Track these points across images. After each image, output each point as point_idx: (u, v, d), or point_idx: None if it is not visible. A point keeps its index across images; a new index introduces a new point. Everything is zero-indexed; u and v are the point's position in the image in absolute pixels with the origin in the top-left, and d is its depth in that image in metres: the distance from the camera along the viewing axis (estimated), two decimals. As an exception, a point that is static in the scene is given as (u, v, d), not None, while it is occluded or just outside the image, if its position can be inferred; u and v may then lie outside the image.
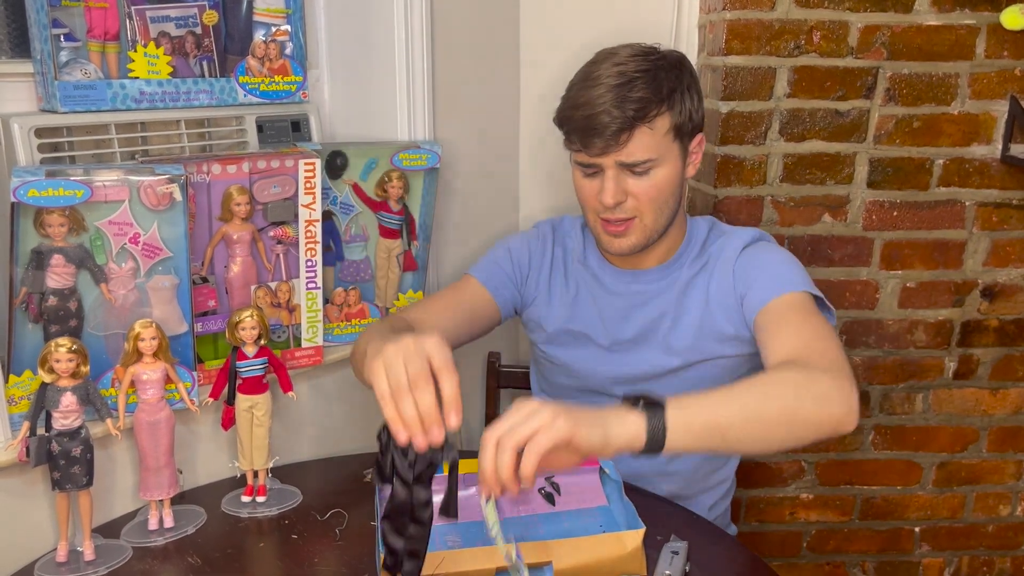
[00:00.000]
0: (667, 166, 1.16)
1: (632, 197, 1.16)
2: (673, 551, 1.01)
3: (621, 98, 1.11)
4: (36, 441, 0.99)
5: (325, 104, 1.49)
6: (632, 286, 1.28)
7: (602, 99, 1.12)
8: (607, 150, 1.13)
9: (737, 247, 1.22)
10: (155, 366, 1.07)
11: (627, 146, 1.12)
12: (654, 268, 1.27)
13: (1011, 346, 1.67)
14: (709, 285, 1.23)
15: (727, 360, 1.23)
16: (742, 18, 1.49)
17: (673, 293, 1.25)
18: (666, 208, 1.19)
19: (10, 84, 1.14)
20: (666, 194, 1.17)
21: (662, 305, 1.25)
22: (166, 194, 1.08)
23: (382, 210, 1.37)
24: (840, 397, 0.95)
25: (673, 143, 1.16)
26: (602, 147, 1.13)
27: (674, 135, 1.16)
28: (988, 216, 1.59)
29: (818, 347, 1.04)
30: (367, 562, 1.05)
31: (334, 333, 1.37)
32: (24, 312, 1.03)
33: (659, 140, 1.14)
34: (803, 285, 1.15)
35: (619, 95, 1.11)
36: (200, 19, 1.24)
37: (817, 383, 0.96)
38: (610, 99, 1.11)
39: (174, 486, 1.12)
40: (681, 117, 1.16)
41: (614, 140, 1.12)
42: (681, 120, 1.16)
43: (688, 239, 1.28)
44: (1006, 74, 1.52)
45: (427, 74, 1.43)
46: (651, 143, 1.13)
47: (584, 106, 1.13)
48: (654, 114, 1.12)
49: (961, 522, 1.78)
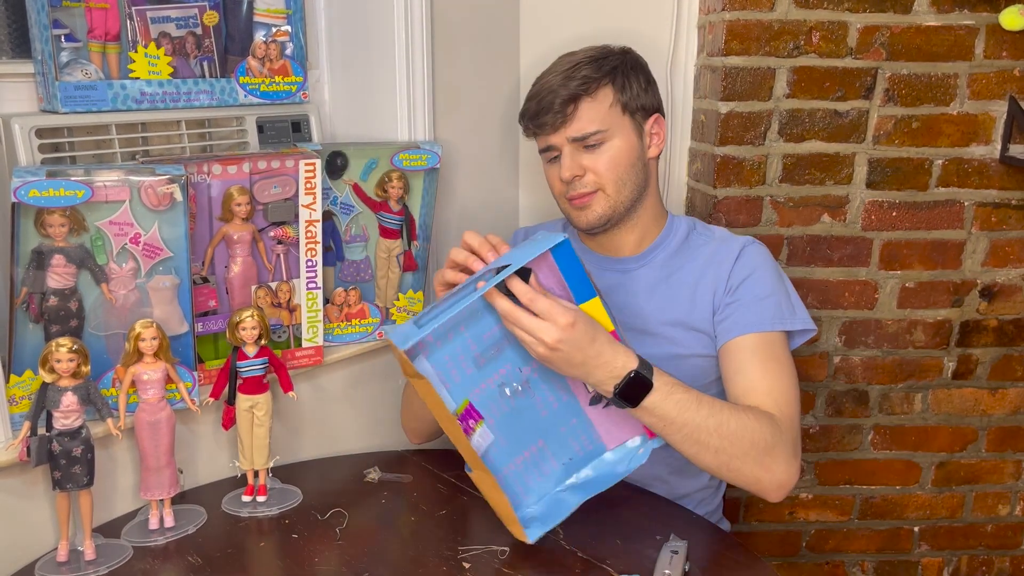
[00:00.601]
0: (620, 138, 1.23)
1: (590, 172, 1.23)
2: (673, 551, 1.02)
3: (568, 77, 1.22)
4: (37, 441, 1.00)
5: (325, 104, 1.49)
6: (609, 273, 1.31)
7: (551, 84, 1.23)
8: (556, 125, 1.22)
9: (733, 250, 1.26)
10: (156, 366, 1.08)
11: (574, 119, 1.21)
12: (632, 256, 1.31)
13: (1010, 346, 1.67)
14: (698, 285, 1.25)
15: (702, 360, 1.26)
16: (741, 19, 1.49)
17: (651, 279, 1.29)
18: (628, 181, 1.25)
19: (11, 84, 1.14)
20: (624, 166, 1.24)
21: (641, 292, 1.28)
22: (167, 194, 1.08)
23: (382, 210, 1.37)
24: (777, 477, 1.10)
25: (623, 117, 1.23)
26: (551, 122, 1.22)
27: (621, 109, 1.23)
28: (987, 216, 1.59)
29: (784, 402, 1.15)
30: (367, 562, 1.05)
31: (334, 333, 1.37)
32: (25, 312, 1.03)
33: (605, 112, 1.22)
34: (779, 322, 1.21)
35: (566, 76, 1.22)
36: (200, 20, 1.24)
37: (771, 455, 1.09)
38: (558, 81, 1.22)
39: (175, 486, 1.12)
40: (626, 95, 1.23)
41: (561, 113, 1.21)
42: (626, 97, 1.24)
43: (667, 232, 1.32)
44: (1005, 74, 1.52)
45: (427, 74, 1.43)
46: (596, 115, 1.21)
47: (535, 95, 1.24)
48: (595, 88, 1.21)
49: (960, 522, 1.78)
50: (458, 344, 1.04)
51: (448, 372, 1.04)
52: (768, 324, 1.21)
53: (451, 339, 1.03)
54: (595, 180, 1.23)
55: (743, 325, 1.21)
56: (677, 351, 1.25)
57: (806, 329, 1.24)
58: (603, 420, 1.11)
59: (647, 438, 1.11)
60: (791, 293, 1.26)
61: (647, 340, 1.26)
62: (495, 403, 1.06)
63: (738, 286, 1.23)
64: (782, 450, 1.11)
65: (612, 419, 1.11)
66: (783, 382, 1.18)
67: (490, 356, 1.06)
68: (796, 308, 1.25)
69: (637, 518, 1.15)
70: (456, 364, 1.04)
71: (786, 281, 1.28)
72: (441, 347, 1.03)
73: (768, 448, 1.09)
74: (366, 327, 1.40)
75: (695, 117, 1.66)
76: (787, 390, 1.18)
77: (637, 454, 1.11)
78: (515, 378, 1.07)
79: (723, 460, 1.08)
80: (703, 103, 1.61)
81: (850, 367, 1.67)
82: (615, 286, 1.30)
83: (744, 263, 1.25)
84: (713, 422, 1.07)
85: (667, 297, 1.27)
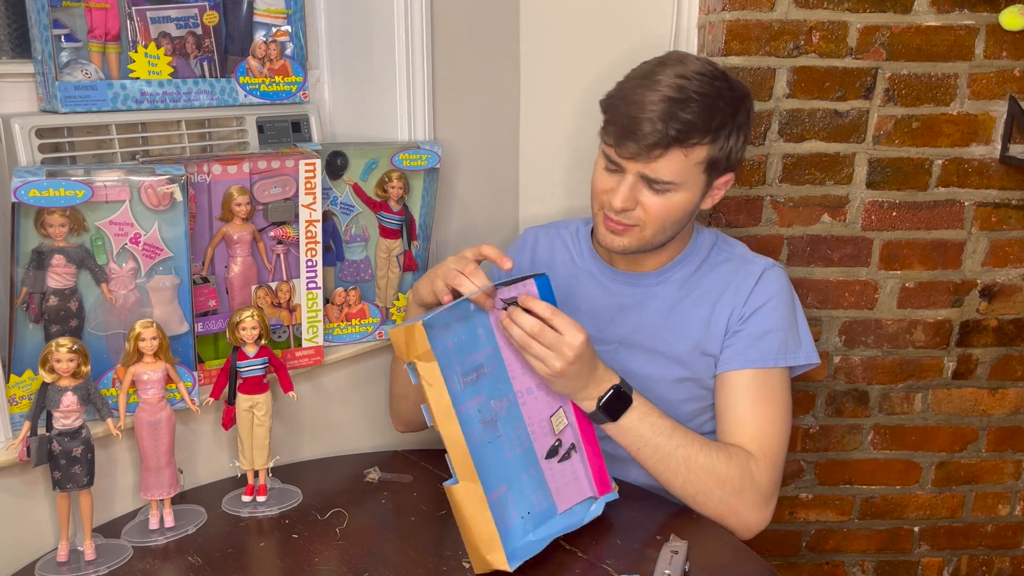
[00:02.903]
0: (686, 193, 1.15)
1: (641, 208, 1.16)
2: (673, 551, 1.02)
3: (670, 114, 1.09)
4: (37, 441, 1.00)
5: (325, 104, 1.49)
6: (625, 287, 1.29)
7: (652, 106, 1.09)
8: (636, 157, 1.12)
9: (755, 273, 1.24)
10: (156, 366, 1.08)
11: (657, 162, 1.11)
12: (652, 272, 1.28)
13: (1010, 346, 1.67)
14: (718, 302, 1.23)
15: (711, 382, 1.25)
16: (741, 19, 1.49)
17: (669, 299, 1.26)
18: (669, 229, 1.20)
19: (11, 84, 1.14)
20: (675, 216, 1.18)
21: (656, 309, 1.26)
22: (167, 194, 1.08)
23: (382, 210, 1.37)
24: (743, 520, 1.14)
25: (702, 174, 1.15)
26: (633, 152, 1.12)
27: (705, 167, 1.15)
28: (987, 216, 1.59)
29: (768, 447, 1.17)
30: (367, 562, 1.05)
31: (334, 333, 1.37)
32: (25, 312, 1.03)
33: (690, 167, 1.13)
34: (780, 360, 1.20)
35: (669, 110, 1.09)
36: (201, 20, 1.24)
37: (738, 498, 1.13)
38: (660, 110, 1.09)
39: (175, 486, 1.12)
40: (720, 153, 1.14)
41: (647, 152, 1.11)
42: (719, 156, 1.15)
43: (690, 250, 1.28)
44: (1005, 74, 1.52)
45: (427, 74, 1.43)
46: (680, 168, 1.12)
47: (634, 104, 1.11)
48: (695, 142, 1.11)
49: (960, 522, 1.78)
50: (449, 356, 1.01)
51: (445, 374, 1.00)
52: (770, 360, 1.20)
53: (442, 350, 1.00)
54: (640, 217, 1.16)
55: (744, 359, 1.20)
56: (687, 375, 1.24)
57: (809, 363, 1.24)
58: (556, 478, 1.08)
59: (596, 498, 1.11)
60: (800, 325, 1.25)
61: (659, 361, 1.25)
62: (472, 428, 1.01)
63: (751, 315, 1.21)
64: (751, 496, 1.14)
65: (565, 478, 1.09)
66: (773, 426, 1.19)
67: (470, 380, 1.03)
68: (802, 341, 1.23)
69: (637, 518, 1.15)
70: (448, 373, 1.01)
71: (798, 311, 1.26)
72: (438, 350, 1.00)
73: (736, 491, 1.13)
74: (366, 327, 1.40)
75: (695, 117, 1.66)
76: (775, 435, 1.18)
77: (590, 510, 1.11)
78: (487, 411, 1.04)
79: (690, 492, 1.13)
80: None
81: (850, 367, 1.67)
82: (631, 304, 1.28)
83: (762, 290, 1.22)
84: (682, 453, 1.11)
85: (683, 318, 1.25)
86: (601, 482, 1.12)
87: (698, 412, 1.26)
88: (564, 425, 1.10)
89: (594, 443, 1.13)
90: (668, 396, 1.23)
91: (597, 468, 1.10)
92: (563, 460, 1.09)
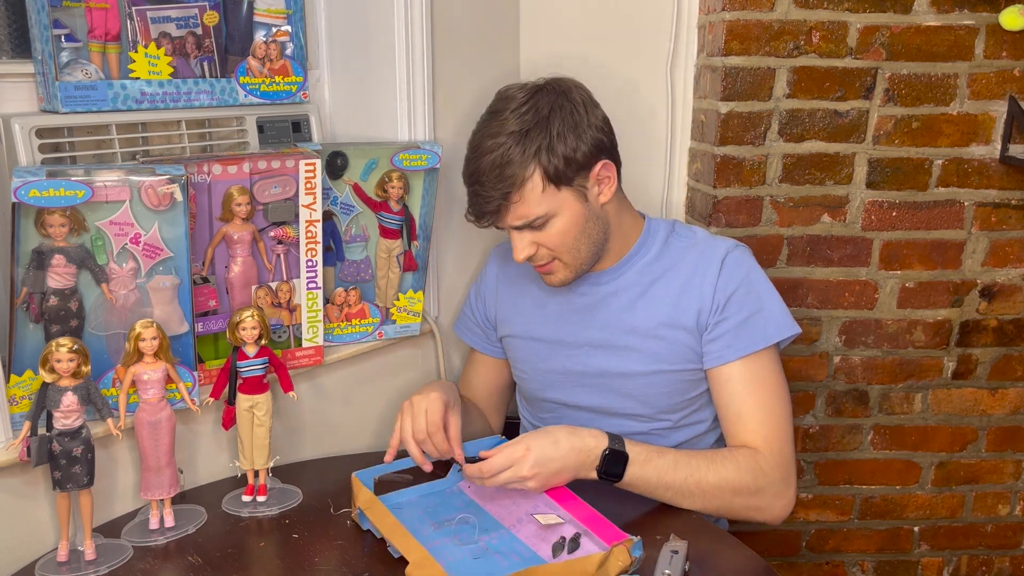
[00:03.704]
0: (563, 214, 1.20)
1: (541, 247, 1.22)
2: (673, 551, 1.02)
3: (494, 177, 1.17)
4: (37, 441, 1.00)
5: (325, 104, 1.49)
6: (586, 287, 1.30)
7: (481, 177, 1.18)
8: (496, 221, 1.21)
9: (716, 258, 1.24)
10: (156, 366, 1.08)
11: (508, 215, 1.19)
12: (610, 268, 1.30)
13: (1010, 346, 1.67)
14: (684, 292, 1.25)
15: (687, 374, 1.26)
16: (741, 19, 1.49)
17: (633, 290, 1.28)
18: (583, 243, 1.22)
19: (11, 84, 1.14)
20: (573, 235, 1.21)
21: (623, 301, 1.28)
22: (167, 194, 1.08)
23: (382, 210, 1.37)
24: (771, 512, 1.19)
25: (559, 193, 1.19)
26: (490, 222, 1.22)
27: (556, 187, 1.18)
28: (987, 216, 1.59)
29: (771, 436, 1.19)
30: (367, 562, 1.05)
31: (334, 333, 1.37)
32: (25, 312, 1.03)
33: (537, 198, 1.18)
34: (764, 340, 1.22)
35: (492, 175, 1.17)
36: (201, 20, 1.24)
37: (757, 497, 1.17)
38: (487, 180, 1.17)
39: (175, 486, 1.12)
40: (554, 170, 1.17)
41: (496, 215, 1.20)
42: (555, 170, 1.17)
43: (644, 239, 1.30)
44: (1005, 74, 1.52)
45: (427, 74, 1.43)
46: (530, 205, 1.18)
47: (470, 181, 1.22)
48: (520, 183, 1.17)
49: (960, 522, 1.78)
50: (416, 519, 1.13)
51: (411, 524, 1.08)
52: (759, 343, 1.21)
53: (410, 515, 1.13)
54: (547, 253, 1.22)
55: (733, 350, 1.21)
56: (662, 367, 1.25)
57: (792, 334, 1.24)
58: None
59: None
60: (774, 297, 1.25)
61: (632, 356, 1.26)
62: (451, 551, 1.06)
63: (725, 304, 1.22)
64: (769, 490, 1.17)
65: None
66: (772, 414, 1.20)
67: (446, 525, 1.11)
68: (780, 314, 1.24)
69: (637, 518, 1.15)
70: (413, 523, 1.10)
71: (768, 286, 1.26)
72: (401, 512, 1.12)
73: (753, 492, 1.16)
74: (366, 327, 1.40)
75: (695, 117, 1.66)
76: (778, 419, 1.21)
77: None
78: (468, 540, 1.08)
79: (712, 509, 1.17)
80: (703, 103, 1.61)
81: (850, 367, 1.67)
82: (596, 303, 1.29)
83: (728, 276, 1.23)
84: (692, 481, 1.15)
85: (650, 303, 1.26)
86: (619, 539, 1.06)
87: (682, 405, 1.28)
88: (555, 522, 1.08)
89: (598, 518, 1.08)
90: (648, 391, 1.26)
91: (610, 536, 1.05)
92: (573, 552, 1.05)
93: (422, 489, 1.20)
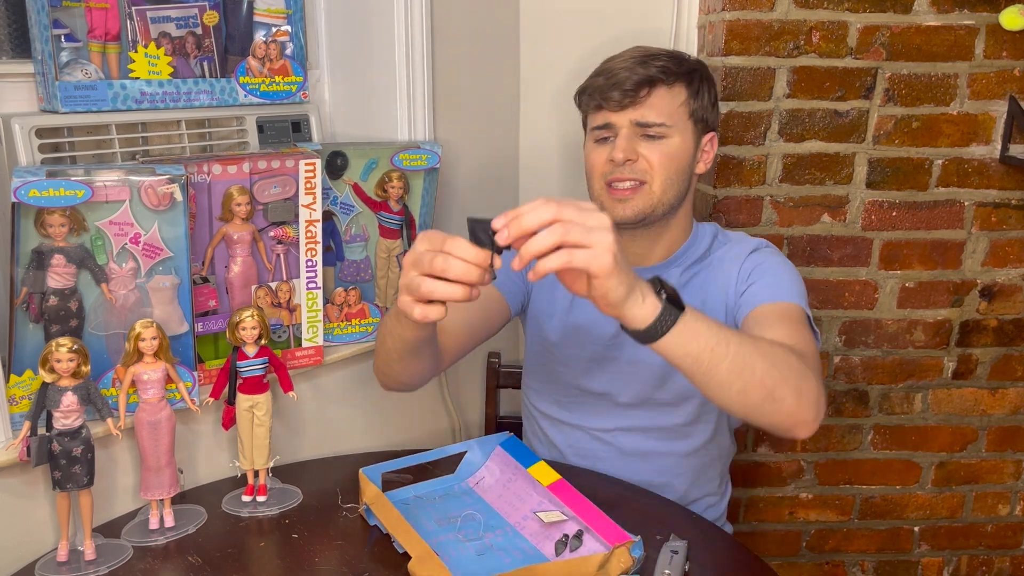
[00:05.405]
0: (680, 138, 1.19)
1: (644, 159, 1.18)
2: (673, 550, 1.02)
3: (643, 62, 1.17)
4: (37, 441, 1.00)
5: (325, 104, 1.49)
6: None
7: (624, 63, 1.17)
8: (623, 104, 1.16)
9: (745, 250, 1.24)
10: (156, 366, 1.08)
11: (645, 103, 1.16)
12: (657, 265, 1.28)
13: (1010, 346, 1.67)
14: (708, 286, 1.24)
15: None
16: (741, 19, 1.49)
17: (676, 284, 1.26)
18: (675, 183, 1.20)
19: (11, 84, 1.14)
20: (677, 166, 1.19)
21: None
22: (167, 194, 1.08)
23: (382, 210, 1.37)
24: (815, 405, 0.98)
25: (688, 121, 1.19)
26: (619, 100, 1.16)
27: (689, 112, 1.19)
28: (987, 216, 1.59)
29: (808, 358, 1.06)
30: (367, 562, 1.05)
31: (334, 333, 1.37)
32: (25, 312, 1.03)
33: (675, 108, 1.18)
34: (799, 299, 1.18)
35: (641, 60, 1.17)
36: (201, 20, 1.24)
37: (807, 381, 0.98)
38: (632, 62, 1.17)
39: (175, 486, 1.12)
40: (697, 102, 1.20)
41: (633, 93, 1.16)
42: (696, 104, 1.19)
43: (693, 240, 1.29)
44: (1005, 74, 1.52)
45: (427, 74, 1.43)
46: (667, 107, 1.17)
47: (605, 72, 1.18)
48: (673, 80, 1.17)
49: (960, 522, 1.78)
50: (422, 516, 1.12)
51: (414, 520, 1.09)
52: (789, 296, 1.17)
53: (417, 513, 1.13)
54: (646, 170, 1.17)
55: (766, 295, 1.17)
56: None
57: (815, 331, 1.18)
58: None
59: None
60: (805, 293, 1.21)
61: None
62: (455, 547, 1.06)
63: (751, 272, 1.21)
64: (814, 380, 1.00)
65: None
66: (808, 343, 1.10)
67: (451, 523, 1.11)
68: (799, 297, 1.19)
69: (637, 518, 1.15)
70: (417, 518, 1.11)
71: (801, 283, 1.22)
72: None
73: (802, 374, 0.98)
74: (366, 327, 1.40)
75: (695, 117, 1.66)
76: (812, 346, 1.11)
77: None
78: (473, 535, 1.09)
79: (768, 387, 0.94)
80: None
81: (850, 367, 1.67)
82: None
83: (755, 257, 1.23)
84: (750, 341, 0.96)
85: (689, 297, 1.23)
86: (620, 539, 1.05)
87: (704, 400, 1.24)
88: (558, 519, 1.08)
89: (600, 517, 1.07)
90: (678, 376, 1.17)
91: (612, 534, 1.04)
92: (576, 549, 1.04)
93: (430, 486, 1.20)
